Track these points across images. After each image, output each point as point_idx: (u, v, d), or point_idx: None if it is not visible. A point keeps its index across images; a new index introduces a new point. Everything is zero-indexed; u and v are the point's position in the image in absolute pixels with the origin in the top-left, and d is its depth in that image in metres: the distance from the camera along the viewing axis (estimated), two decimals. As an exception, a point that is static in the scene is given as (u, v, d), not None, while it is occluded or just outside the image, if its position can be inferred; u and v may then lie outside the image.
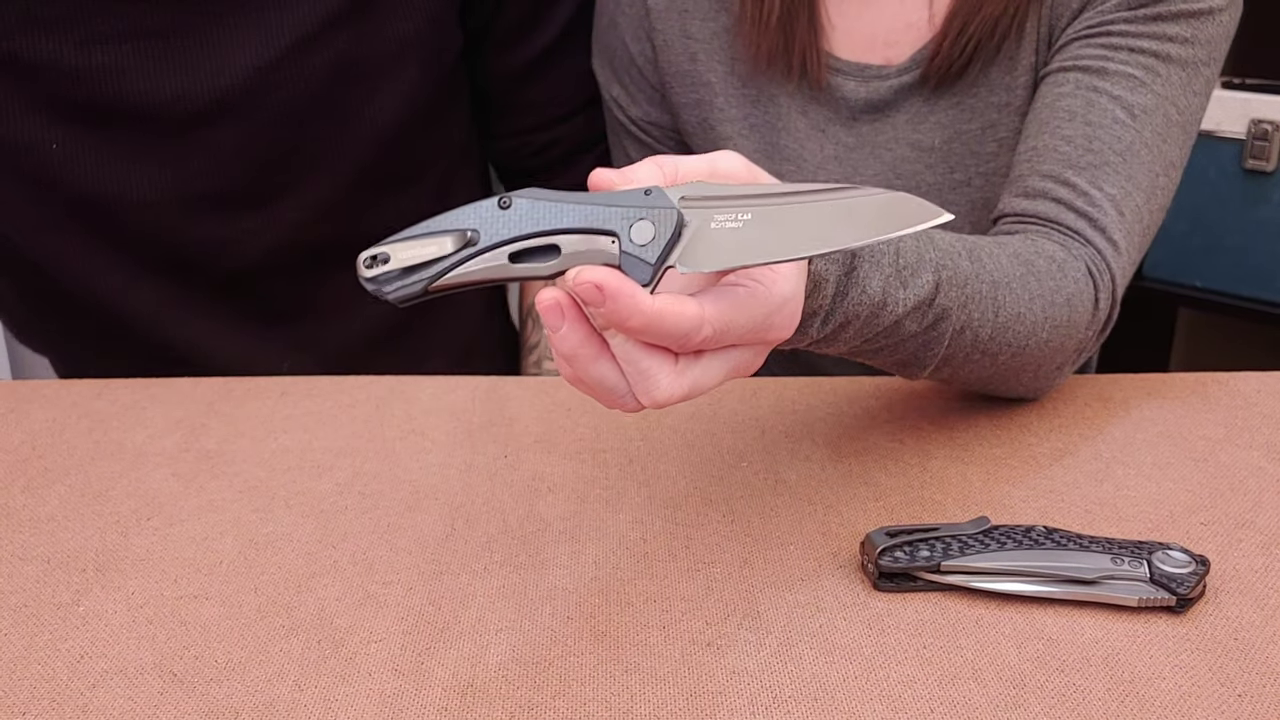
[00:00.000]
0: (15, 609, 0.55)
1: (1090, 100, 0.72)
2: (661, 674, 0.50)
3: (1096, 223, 0.70)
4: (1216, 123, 1.44)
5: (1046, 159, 0.72)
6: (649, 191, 0.47)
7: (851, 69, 0.82)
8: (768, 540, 0.59)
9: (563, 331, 0.47)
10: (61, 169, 0.83)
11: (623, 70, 0.90)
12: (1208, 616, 0.53)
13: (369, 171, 0.89)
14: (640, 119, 0.92)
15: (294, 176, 0.87)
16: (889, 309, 0.57)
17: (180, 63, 0.81)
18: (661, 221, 0.46)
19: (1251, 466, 0.66)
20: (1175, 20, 0.72)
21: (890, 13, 0.81)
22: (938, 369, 0.64)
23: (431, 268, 0.47)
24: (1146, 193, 0.72)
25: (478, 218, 0.47)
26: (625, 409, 0.49)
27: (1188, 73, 0.73)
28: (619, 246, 0.46)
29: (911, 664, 0.50)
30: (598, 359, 0.48)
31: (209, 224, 0.86)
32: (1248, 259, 1.47)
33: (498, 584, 0.56)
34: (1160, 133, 0.72)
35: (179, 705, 0.48)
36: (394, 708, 0.48)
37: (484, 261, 0.47)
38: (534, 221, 0.47)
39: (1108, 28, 0.74)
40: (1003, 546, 0.55)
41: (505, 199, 0.47)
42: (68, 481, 0.66)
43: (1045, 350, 0.67)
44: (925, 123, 0.82)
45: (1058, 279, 0.67)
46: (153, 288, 0.89)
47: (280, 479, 0.66)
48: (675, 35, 0.87)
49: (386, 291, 0.48)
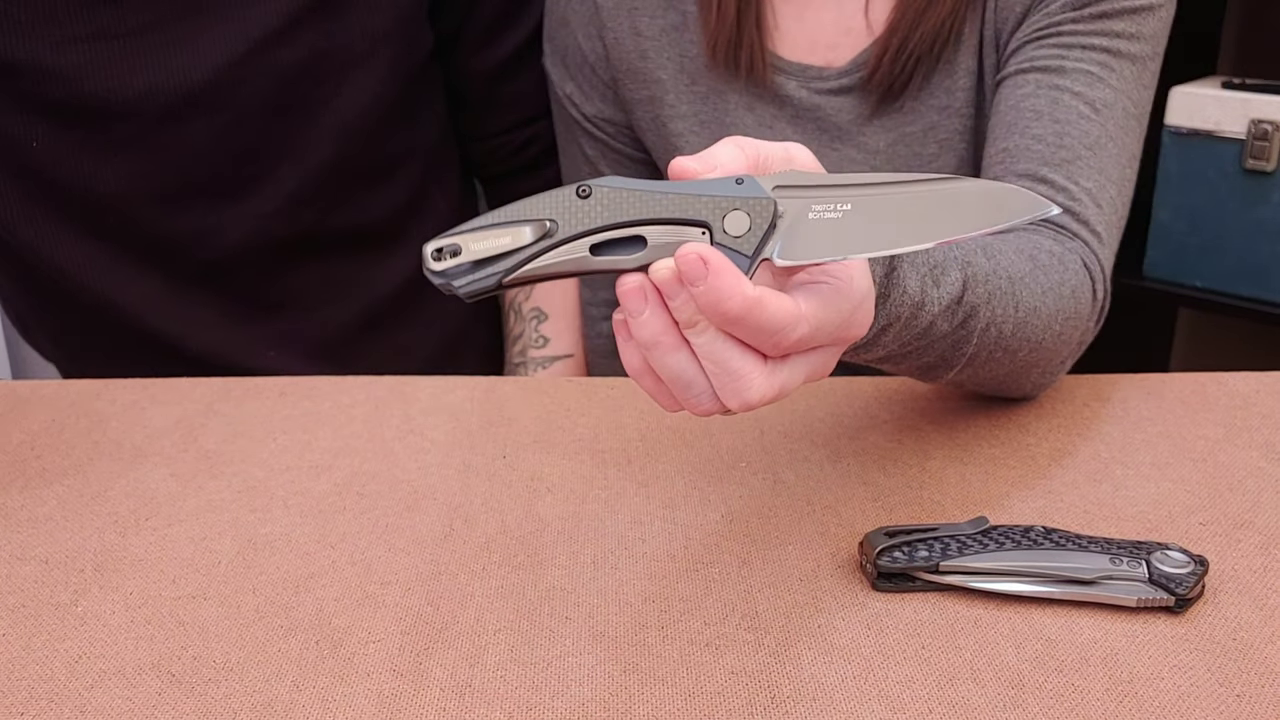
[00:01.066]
0: (13, 609, 0.55)
1: (1054, 98, 0.74)
2: (660, 674, 0.50)
3: (1079, 216, 0.71)
4: (1216, 123, 1.43)
5: (1020, 158, 0.73)
6: (741, 180, 0.44)
7: (794, 69, 0.83)
8: (766, 541, 0.59)
9: (645, 316, 0.45)
10: (43, 164, 0.85)
11: (575, 68, 0.91)
12: (1206, 617, 0.53)
13: (338, 166, 0.90)
14: (594, 116, 0.92)
15: (264, 169, 0.88)
16: (926, 309, 0.56)
17: (152, 60, 0.83)
18: (757, 212, 0.44)
19: (1250, 466, 0.66)
20: (1119, 17, 0.74)
21: (829, 18, 0.82)
22: (961, 370, 0.63)
23: (506, 260, 0.44)
24: (1117, 184, 0.73)
25: (554, 207, 0.44)
26: (696, 410, 0.47)
27: (1138, 67, 0.75)
28: (710, 238, 0.44)
29: (910, 664, 0.50)
30: (678, 349, 0.46)
31: (185, 216, 0.88)
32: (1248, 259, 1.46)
33: (496, 584, 0.56)
34: (1121, 125, 0.74)
35: (177, 705, 0.48)
36: (392, 708, 0.48)
37: (563, 254, 0.44)
38: (617, 211, 0.44)
39: (1057, 29, 0.75)
40: (1001, 547, 0.55)
41: (584, 187, 0.44)
42: (66, 481, 0.66)
43: (1057, 343, 0.67)
44: (870, 126, 0.83)
45: (1060, 272, 0.67)
46: (138, 278, 0.91)
47: (279, 479, 0.66)
48: (625, 32, 0.87)
49: (456, 286, 0.45)
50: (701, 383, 0.46)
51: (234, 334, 0.93)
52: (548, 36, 0.93)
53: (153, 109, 0.84)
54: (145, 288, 0.91)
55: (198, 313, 0.92)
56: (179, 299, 0.92)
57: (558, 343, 1.03)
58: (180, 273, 0.91)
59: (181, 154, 0.86)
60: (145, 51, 0.82)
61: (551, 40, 0.92)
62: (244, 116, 0.86)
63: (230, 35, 0.83)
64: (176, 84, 0.83)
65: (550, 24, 0.92)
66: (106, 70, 0.82)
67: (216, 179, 0.87)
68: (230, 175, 0.88)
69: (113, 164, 0.85)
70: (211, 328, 0.93)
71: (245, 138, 0.86)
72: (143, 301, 0.91)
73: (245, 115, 0.86)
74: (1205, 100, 1.44)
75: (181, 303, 0.92)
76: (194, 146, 0.86)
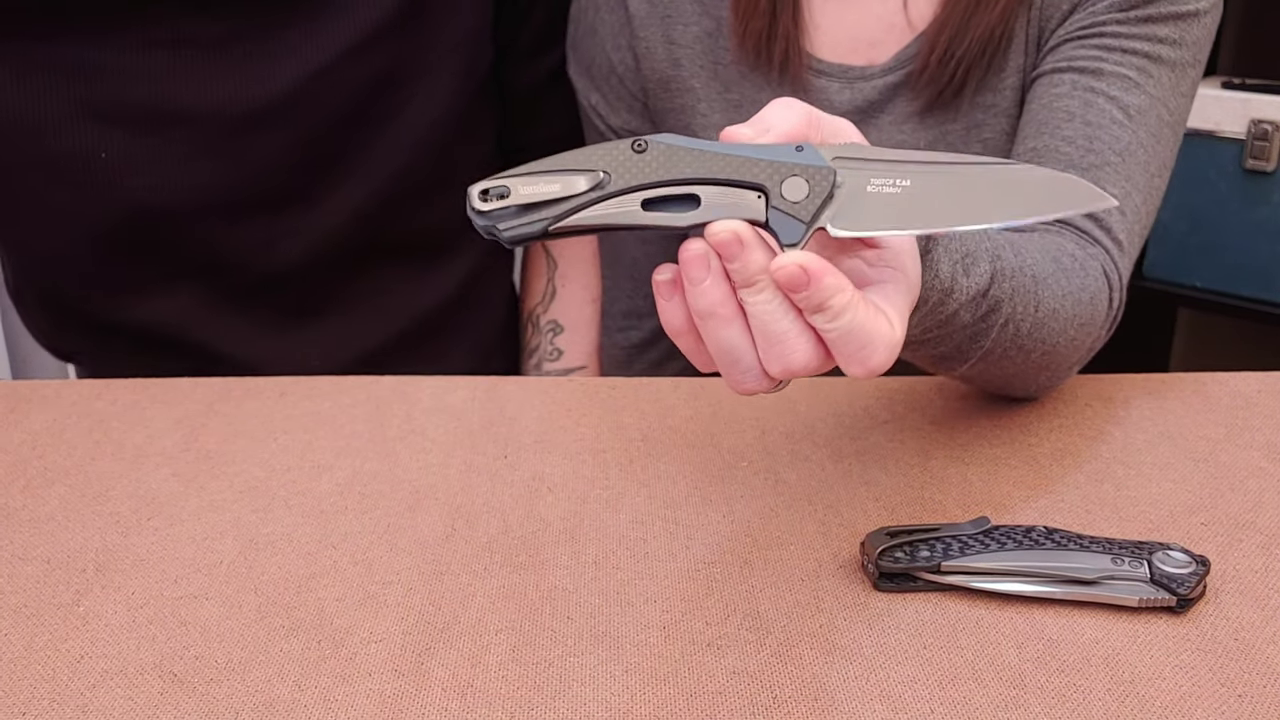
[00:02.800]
0: (15, 609, 0.55)
1: (1088, 101, 0.73)
2: (662, 674, 0.50)
3: (1102, 223, 0.71)
4: (1216, 123, 1.44)
5: (1048, 159, 0.72)
6: (800, 148, 0.44)
7: (835, 71, 0.82)
8: (768, 540, 0.59)
9: (705, 285, 0.44)
10: (107, 177, 0.84)
11: (602, 79, 0.90)
12: (1208, 617, 0.53)
13: (404, 177, 0.90)
14: (619, 128, 0.91)
15: (334, 180, 0.88)
16: (954, 296, 0.56)
17: (233, 70, 0.82)
18: (816, 180, 0.43)
19: (1251, 467, 0.66)
20: (1164, 22, 0.73)
21: (872, 14, 0.81)
22: (973, 365, 0.63)
23: (555, 207, 0.44)
24: (1144, 193, 0.72)
25: (609, 159, 0.44)
26: (738, 388, 0.47)
27: (1177, 74, 0.74)
28: (767, 202, 0.43)
29: (911, 664, 0.50)
30: (732, 321, 0.45)
31: (250, 227, 0.88)
32: (1248, 259, 1.47)
33: (497, 584, 0.56)
34: (1154, 133, 0.73)
35: (179, 705, 0.48)
36: (394, 708, 0.48)
37: (614, 205, 0.44)
38: (673, 168, 0.43)
39: (1100, 29, 0.74)
40: (1003, 547, 0.55)
41: (640, 142, 0.44)
42: (68, 481, 0.66)
43: (1070, 347, 0.67)
44: (909, 123, 0.81)
45: (1081, 277, 0.67)
46: (188, 291, 0.90)
47: (280, 479, 0.66)
48: (658, 42, 0.86)
49: (500, 229, 0.45)
50: (750, 358, 0.46)
51: (277, 344, 0.93)
52: (572, 45, 0.92)
53: (228, 119, 0.83)
54: (193, 300, 0.90)
55: (243, 324, 0.92)
56: (226, 311, 0.91)
57: (572, 355, 1.03)
58: (233, 285, 0.90)
59: (253, 165, 0.85)
60: (228, 61, 0.82)
61: (576, 49, 0.91)
62: (317, 128, 0.85)
63: (311, 49, 0.83)
64: (254, 95, 0.83)
65: (576, 33, 0.91)
66: (185, 77, 0.82)
67: (284, 190, 0.87)
68: (298, 187, 0.87)
69: (184, 174, 0.84)
70: (255, 339, 0.92)
71: (316, 149, 0.86)
72: (187, 314, 0.90)
73: (318, 127, 0.85)
74: (1205, 100, 1.44)
75: (227, 315, 0.91)
76: (266, 157, 0.85)
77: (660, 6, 0.86)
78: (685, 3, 0.85)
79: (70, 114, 0.82)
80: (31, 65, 0.81)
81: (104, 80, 0.81)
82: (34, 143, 0.83)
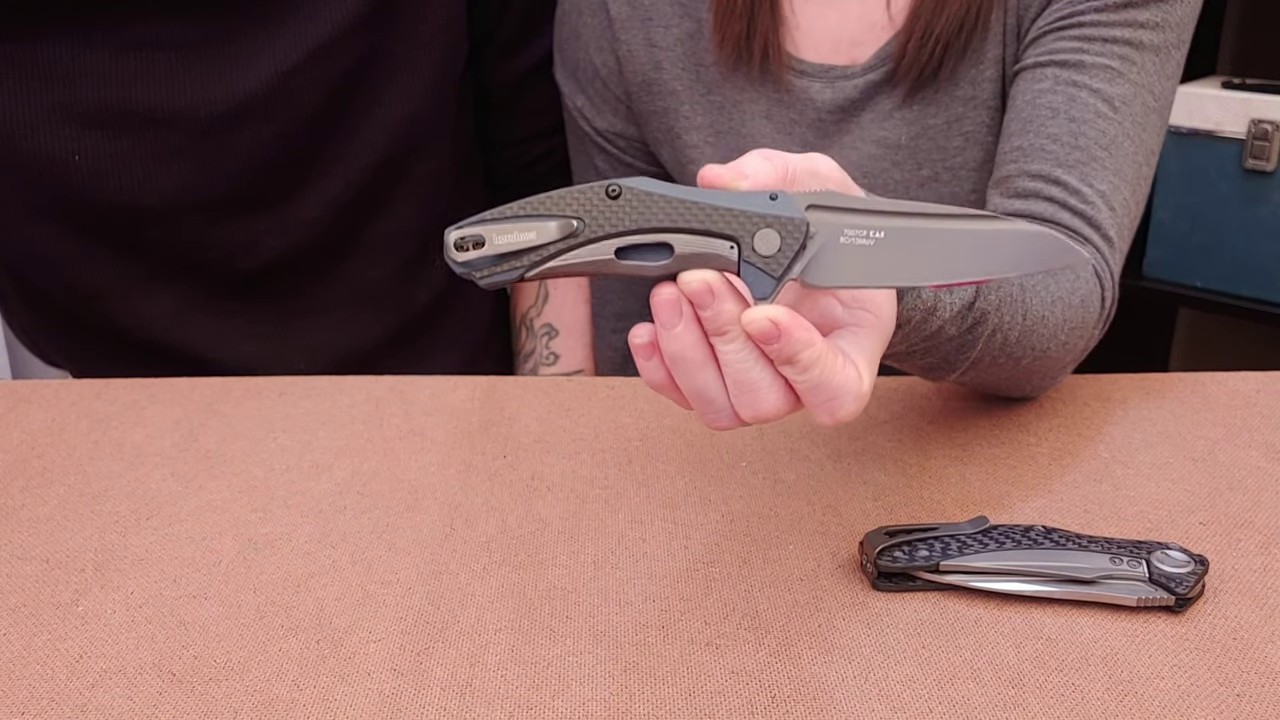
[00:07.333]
0: (14, 609, 0.55)
1: (1071, 95, 0.72)
2: (660, 673, 0.50)
3: (1092, 220, 0.70)
4: (1216, 123, 1.44)
5: (1034, 158, 0.72)
6: (775, 196, 0.44)
7: (817, 71, 0.82)
8: (766, 540, 0.59)
9: (678, 330, 0.45)
10: (84, 179, 0.84)
11: (586, 82, 0.90)
12: (1206, 616, 0.53)
13: (379, 171, 0.90)
14: (605, 130, 0.91)
15: (309, 176, 0.88)
16: (937, 314, 0.56)
17: (205, 71, 0.82)
18: (789, 231, 0.44)
19: (1250, 466, 0.66)
20: (1145, 6, 0.72)
21: (854, 13, 0.80)
22: (963, 373, 0.63)
23: (530, 255, 0.45)
24: (1132, 184, 0.72)
25: (582, 205, 0.44)
26: (712, 425, 0.48)
27: (1160, 58, 0.73)
28: (738, 254, 0.44)
29: (910, 664, 0.50)
30: (704, 366, 0.46)
31: (229, 226, 0.88)
32: (1248, 259, 1.47)
33: (496, 583, 0.56)
34: (1140, 122, 0.72)
35: (178, 705, 0.48)
36: (393, 707, 0.48)
37: (588, 253, 0.44)
38: (646, 216, 0.44)
39: (1079, 19, 0.73)
40: (1001, 546, 0.55)
41: (614, 187, 0.44)
42: (67, 481, 0.66)
43: (1062, 351, 0.67)
44: (891, 120, 0.81)
45: (1073, 281, 0.67)
46: (170, 293, 0.90)
47: (279, 479, 0.66)
48: (639, 45, 0.86)
49: (477, 277, 0.45)
50: (722, 400, 0.47)
51: (260, 346, 0.93)
52: (558, 48, 0.92)
53: (202, 120, 0.83)
54: (175, 303, 0.90)
55: (228, 326, 0.92)
56: (211, 313, 0.91)
57: (568, 359, 1.03)
58: (215, 286, 0.90)
59: (228, 164, 0.85)
60: (200, 63, 0.82)
61: (562, 52, 0.91)
62: (293, 124, 0.85)
63: (284, 47, 0.83)
64: (227, 95, 0.83)
65: (561, 36, 0.91)
66: (160, 78, 0.82)
67: (262, 187, 0.87)
68: (275, 183, 0.87)
69: (159, 175, 0.84)
70: (238, 342, 0.92)
71: (293, 145, 0.86)
72: (171, 316, 0.90)
73: (294, 123, 0.85)
74: (1205, 100, 1.44)
75: (209, 317, 0.91)
76: (241, 156, 0.85)
77: (641, 9, 0.86)
78: (665, 5, 0.85)
79: (43, 117, 0.82)
80: (3, 68, 0.81)
81: (77, 83, 0.81)
82: (6, 145, 0.83)
